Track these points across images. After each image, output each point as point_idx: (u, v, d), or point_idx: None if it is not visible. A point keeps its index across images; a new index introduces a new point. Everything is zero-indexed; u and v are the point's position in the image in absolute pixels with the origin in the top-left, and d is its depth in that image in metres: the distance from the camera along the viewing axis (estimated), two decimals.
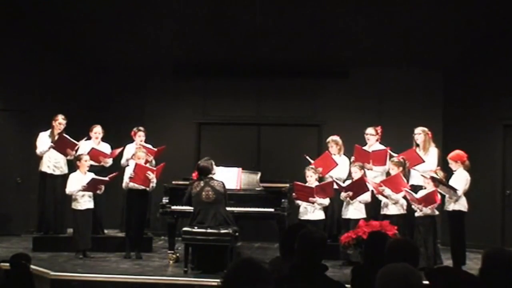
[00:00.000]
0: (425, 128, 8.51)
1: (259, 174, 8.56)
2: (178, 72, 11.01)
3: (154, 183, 8.41)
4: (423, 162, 8.26)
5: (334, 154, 8.82)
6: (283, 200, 8.07)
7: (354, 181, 8.19)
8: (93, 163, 8.73)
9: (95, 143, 9.23)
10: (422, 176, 8.07)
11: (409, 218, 8.15)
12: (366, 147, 8.79)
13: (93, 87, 11.07)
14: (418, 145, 8.50)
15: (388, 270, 2.99)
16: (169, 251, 8.33)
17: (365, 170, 8.34)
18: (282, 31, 10.17)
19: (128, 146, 9.22)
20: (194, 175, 7.72)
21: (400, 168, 8.07)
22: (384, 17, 9.76)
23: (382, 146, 8.77)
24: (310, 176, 8.26)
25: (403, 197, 8.01)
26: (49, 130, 9.25)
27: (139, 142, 9.12)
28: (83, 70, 10.96)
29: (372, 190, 8.19)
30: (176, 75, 11.03)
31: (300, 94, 10.93)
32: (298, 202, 8.23)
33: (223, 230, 7.41)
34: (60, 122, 9.20)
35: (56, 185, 9.25)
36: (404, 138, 8.95)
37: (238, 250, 8.11)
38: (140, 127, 9.25)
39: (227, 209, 7.69)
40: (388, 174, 8.41)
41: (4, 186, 10.34)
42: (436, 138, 8.81)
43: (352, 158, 8.65)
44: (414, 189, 8.06)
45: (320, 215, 8.20)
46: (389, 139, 8.94)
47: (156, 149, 9.13)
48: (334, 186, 8.27)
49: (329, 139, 8.98)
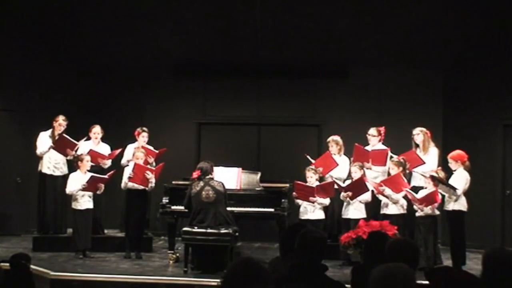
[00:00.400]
0: (423, 128, 8.49)
1: (259, 174, 8.56)
2: (178, 72, 11.01)
3: (153, 183, 8.41)
4: (424, 163, 8.23)
5: (334, 154, 8.81)
6: (283, 200, 8.07)
7: (353, 181, 8.18)
8: (92, 164, 8.73)
9: (95, 143, 9.22)
10: (422, 175, 8.06)
11: (409, 218, 8.16)
12: (368, 148, 8.75)
13: (93, 87, 11.07)
14: (417, 145, 8.48)
15: (381, 271, 2.99)
16: (169, 251, 8.34)
17: (365, 170, 8.33)
18: (282, 31, 10.17)
19: (129, 146, 9.20)
20: (194, 175, 7.71)
21: (400, 168, 8.06)
22: (384, 17, 9.76)
23: (384, 147, 8.74)
24: (311, 176, 8.25)
25: (404, 197, 8.01)
26: (49, 130, 9.24)
27: (142, 142, 9.11)
28: (83, 70, 10.95)
29: (372, 190, 8.19)
30: (176, 75, 11.03)
31: (300, 94, 10.93)
32: (298, 201, 8.23)
33: (223, 230, 7.41)
34: (60, 123, 9.18)
35: (56, 185, 9.24)
36: (404, 138, 8.94)
37: (238, 250, 8.12)
38: (144, 128, 9.22)
39: (227, 209, 7.69)
40: (389, 174, 8.40)
41: (4, 186, 10.33)
42: (436, 138, 8.81)
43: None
44: (415, 190, 8.04)
45: (320, 215, 8.20)
46: (389, 139, 8.92)
47: (157, 151, 9.12)
48: (334, 186, 8.27)
49: (329, 139, 8.97)
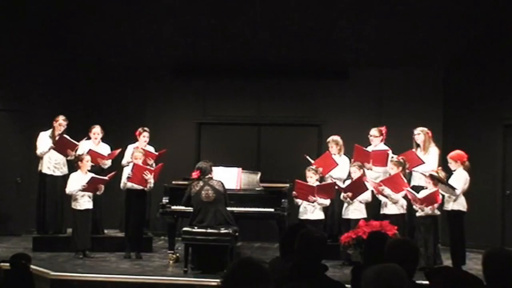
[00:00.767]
0: (424, 128, 8.48)
1: (259, 174, 8.56)
2: (178, 72, 11.01)
3: (151, 184, 8.41)
4: (423, 163, 8.23)
5: (334, 154, 8.80)
6: (283, 200, 8.07)
7: (353, 181, 8.18)
8: (92, 164, 8.73)
9: (95, 144, 9.22)
10: (423, 174, 8.06)
11: (409, 218, 8.16)
12: (370, 148, 8.74)
13: (93, 87, 11.07)
14: (418, 145, 8.48)
15: (373, 271, 2.99)
16: (169, 251, 8.34)
17: (364, 170, 8.33)
18: (282, 31, 10.17)
19: (129, 147, 9.17)
20: (194, 175, 7.71)
21: (400, 168, 8.06)
22: (384, 17, 9.76)
23: (386, 147, 8.71)
24: (311, 176, 8.24)
25: (404, 196, 8.01)
26: (49, 130, 9.23)
27: (143, 142, 9.11)
28: (83, 70, 10.95)
29: (372, 190, 8.18)
30: (176, 75, 11.03)
31: (300, 94, 10.92)
32: (298, 201, 8.23)
33: (223, 230, 7.41)
34: (60, 123, 9.17)
35: (56, 185, 9.24)
36: (404, 138, 8.94)
37: (238, 250, 8.11)
38: (145, 128, 9.20)
39: (227, 209, 7.69)
40: (389, 174, 8.39)
41: (4, 186, 10.33)
42: (436, 138, 8.79)
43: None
44: (416, 190, 8.03)
45: (319, 215, 8.19)
46: (389, 139, 8.91)
47: (157, 153, 9.11)
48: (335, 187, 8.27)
49: (329, 139, 8.96)
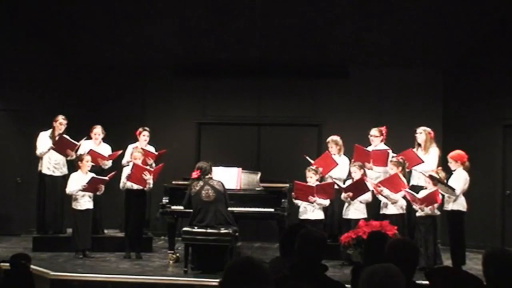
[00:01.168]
0: (427, 127, 8.47)
1: (259, 174, 8.56)
2: (178, 72, 11.01)
3: (150, 184, 8.41)
4: (422, 162, 8.23)
5: (334, 154, 8.80)
6: (283, 200, 8.07)
7: (354, 181, 8.17)
8: (92, 164, 8.73)
9: (95, 144, 9.22)
10: (422, 173, 8.06)
11: (409, 218, 8.15)
12: (370, 148, 8.73)
13: (93, 87, 11.07)
14: (419, 144, 8.48)
15: (368, 272, 2.99)
16: (169, 251, 8.33)
17: (365, 170, 8.33)
18: (282, 31, 10.17)
19: (130, 146, 9.16)
20: (194, 175, 7.71)
21: (399, 168, 8.05)
22: (384, 17, 9.75)
23: (386, 147, 8.70)
24: (311, 177, 8.23)
25: (403, 197, 8.01)
26: (49, 130, 9.23)
27: (143, 142, 9.11)
28: (83, 70, 10.95)
29: (372, 190, 8.18)
30: (176, 75, 11.03)
31: (300, 94, 10.92)
32: (297, 202, 8.22)
33: (223, 230, 7.41)
34: (60, 122, 9.17)
35: (56, 185, 9.23)
36: (404, 138, 8.94)
37: (238, 250, 8.11)
38: (145, 127, 9.21)
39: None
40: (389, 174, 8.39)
41: (4, 186, 10.34)
42: (436, 138, 8.79)
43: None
44: (415, 189, 8.04)
45: (319, 215, 8.19)
46: (389, 139, 8.91)
47: (157, 153, 9.11)
48: (335, 187, 8.27)
49: (329, 139, 8.96)
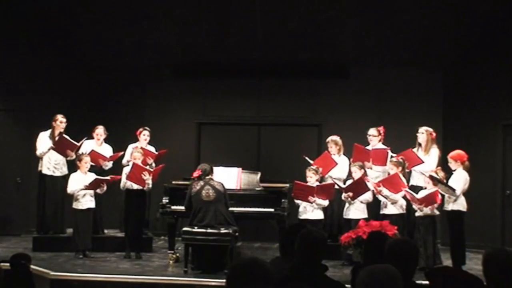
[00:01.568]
0: (429, 128, 8.45)
1: (259, 174, 8.56)
2: (178, 72, 11.01)
3: (150, 184, 8.41)
4: (422, 162, 8.23)
5: (334, 154, 8.80)
6: (283, 200, 8.07)
7: (354, 181, 8.17)
8: (93, 164, 8.73)
9: (97, 144, 9.22)
10: (422, 173, 8.06)
11: (408, 218, 8.15)
12: (369, 148, 8.73)
13: (93, 87, 11.07)
14: (420, 144, 8.48)
15: (365, 272, 2.99)
16: (169, 251, 8.33)
17: (365, 169, 8.33)
18: (282, 31, 10.17)
19: (130, 146, 9.17)
20: (195, 174, 7.71)
21: (399, 168, 8.05)
22: (384, 17, 9.76)
23: (384, 147, 8.70)
24: (311, 176, 8.24)
25: (403, 197, 8.01)
26: (49, 130, 9.23)
27: (144, 141, 9.11)
28: (83, 70, 10.95)
29: (373, 190, 8.18)
30: (176, 75, 11.03)
31: (300, 94, 10.92)
32: (298, 201, 8.23)
33: (223, 230, 7.41)
34: (60, 121, 9.17)
35: (56, 185, 9.23)
36: (403, 138, 8.94)
37: (238, 250, 8.11)
38: (146, 127, 9.23)
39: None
40: (389, 174, 8.39)
41: (4, 186, 10.34)
42: (436, 138, 8.80)
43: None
44: (414, 189, 8.04)
45: (319, 215, 8.19)
46: (388, 139, 8.91)
47: (157, 152, 9.11)
48: (335, 187, 8.27)
49: (328, 139, 8.97)
